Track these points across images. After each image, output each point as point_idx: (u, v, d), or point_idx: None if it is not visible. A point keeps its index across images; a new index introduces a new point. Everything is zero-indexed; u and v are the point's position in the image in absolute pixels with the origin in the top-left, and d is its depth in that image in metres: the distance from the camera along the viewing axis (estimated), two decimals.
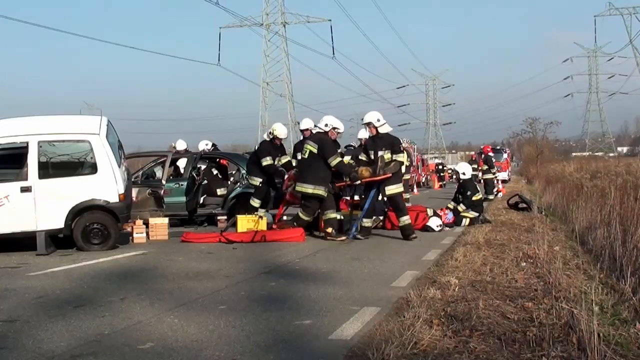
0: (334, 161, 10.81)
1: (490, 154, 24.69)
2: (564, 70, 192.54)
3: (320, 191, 10.85)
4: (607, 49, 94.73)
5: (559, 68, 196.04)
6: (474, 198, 13.24)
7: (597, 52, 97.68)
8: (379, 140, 10.97)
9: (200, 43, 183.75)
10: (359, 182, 11.15)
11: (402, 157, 10.92)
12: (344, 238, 10.80)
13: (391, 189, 10.77)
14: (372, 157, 10.96)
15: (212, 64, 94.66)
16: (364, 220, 11.00)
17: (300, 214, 11.18)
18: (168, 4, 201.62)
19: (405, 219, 10.85)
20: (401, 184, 11.05)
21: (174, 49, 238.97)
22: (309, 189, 10.91)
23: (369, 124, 11.00)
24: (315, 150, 10.92)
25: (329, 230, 10.87)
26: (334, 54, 65.12)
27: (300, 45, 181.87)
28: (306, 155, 11.10)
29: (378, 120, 10.87)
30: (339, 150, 12.26)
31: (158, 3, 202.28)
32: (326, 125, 11.20)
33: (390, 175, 10.71)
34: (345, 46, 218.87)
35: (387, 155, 10.75)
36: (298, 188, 11.16)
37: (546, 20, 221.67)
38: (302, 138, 13.22)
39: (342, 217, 11.69)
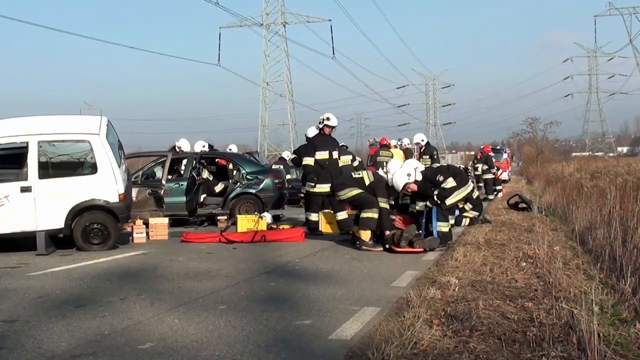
0: (383, 203, 9.86)
1: (491, 154, 24.68)
2: (564, 70, 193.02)
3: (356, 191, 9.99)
4: (607, 49, 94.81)
5: (559, 68, 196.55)
6: (474, 196, 13.29)
7: (597, 52, 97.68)
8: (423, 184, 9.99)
9: (200, 43, 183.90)
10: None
11: (451, 183, 9.75)
12: (380, 249, 9.69)
13: (451, 199, 9.78)
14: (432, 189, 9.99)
15: (212, 64, 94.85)
16: (440, 224, 9.77)
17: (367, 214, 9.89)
18: (168, 4, 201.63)
19: (445, 225, 9.84)
20: (459, 192, 9.90)
21: (174, 49, 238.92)
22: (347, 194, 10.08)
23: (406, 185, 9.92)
24: (367, 182, 9.99)
25: (364, 236, 9.78)
26: (334, 54, 65.01)
27: (300, 45, 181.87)
28: (354, 176, 10.28)
29: (409, 175, 9.90)
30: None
31: (158, 3, 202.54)
32: (391, 180, 10.01)
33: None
34: (345, 46, 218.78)
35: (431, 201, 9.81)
36: (341, 197, 10.28)
37: (546, 20, 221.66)
38: (320, 134, 12.16)
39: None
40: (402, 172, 10.03)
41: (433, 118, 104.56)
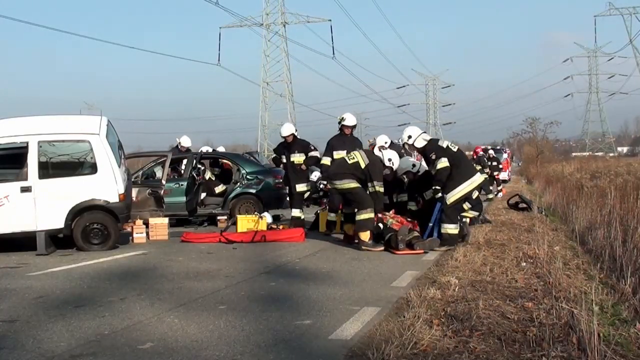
0: (378, 187, 9.90)
1: (481, 153, 24.38)
2: (564, 70, 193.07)
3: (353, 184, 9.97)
4: (607, 49, 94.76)
5: (559, 68, 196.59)
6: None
7: (597, 52, 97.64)
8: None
9: (200, 43, 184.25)
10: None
11: (443, 163, 9.57)
12: (381, 249, 9.61)
13: (453, 195, 9.60)
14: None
15: (212, 64, 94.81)
16: (447, 226, 9.58)
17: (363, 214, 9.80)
18: (168, 4, 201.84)
19: (452, 228, 9.65)
20: (462, 188, 9.70)
21: (174, 48, 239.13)
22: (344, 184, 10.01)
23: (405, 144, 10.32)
24: (362, 165, 10.00)
25: (363, 237, 9.71)
26: (334, 54, 65.06)
27: (300, 45, 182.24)
28: (349, 162, 10.16)
29: (409, 137, 10.03)
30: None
31: (158, 3, 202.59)
32: (389, 160, 10.26)
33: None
34: (345, 46, 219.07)
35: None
36: (337, 186, 10.16)
37: (546, 20, 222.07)
38: (339, 134, 12.25)
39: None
40: (405, 133, 10.26)
41: (433, 118, 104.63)
